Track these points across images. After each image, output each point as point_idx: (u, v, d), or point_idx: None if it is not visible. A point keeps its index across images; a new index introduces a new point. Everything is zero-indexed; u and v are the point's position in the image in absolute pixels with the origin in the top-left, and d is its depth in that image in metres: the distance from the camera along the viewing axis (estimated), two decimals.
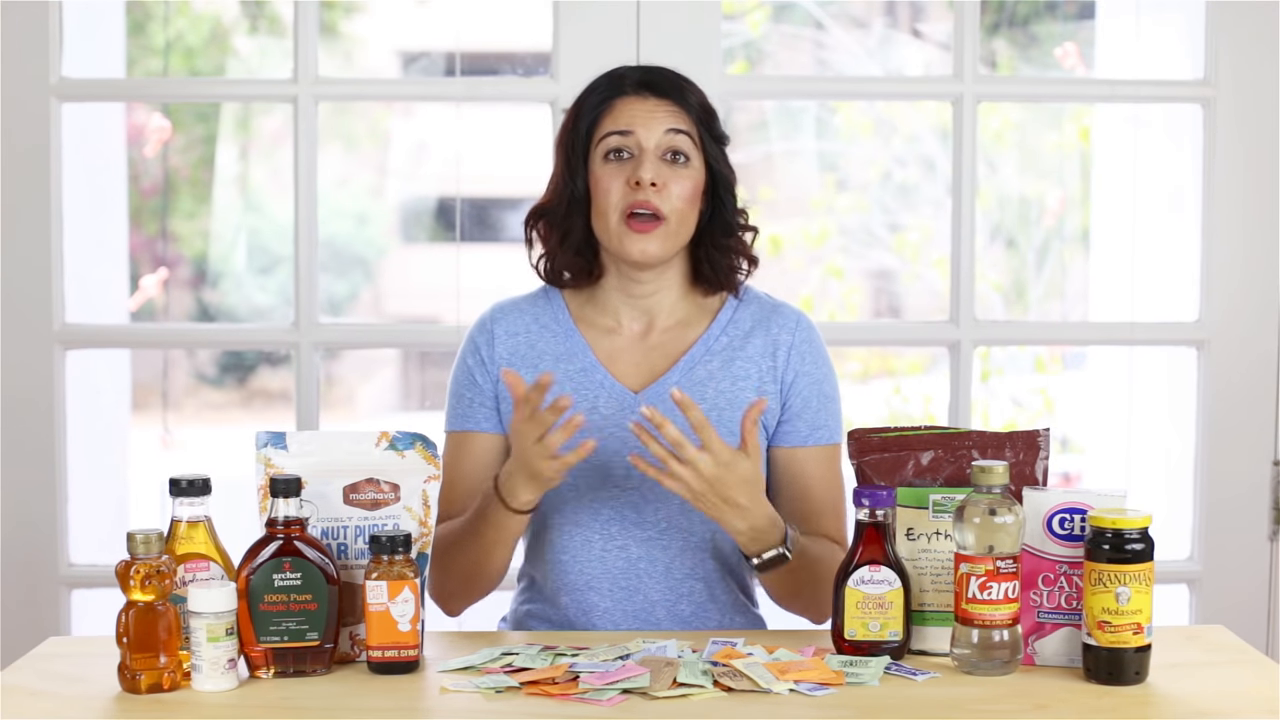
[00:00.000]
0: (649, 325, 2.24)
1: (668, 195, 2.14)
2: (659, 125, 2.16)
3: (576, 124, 2.20)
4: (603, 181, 2.16)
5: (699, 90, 2.22)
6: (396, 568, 1.84)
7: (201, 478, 1.87)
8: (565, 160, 2.20)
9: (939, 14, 6.07)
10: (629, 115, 2.17)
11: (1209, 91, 2.94)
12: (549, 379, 1.98)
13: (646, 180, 2.13)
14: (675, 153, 2.16)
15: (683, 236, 2.18)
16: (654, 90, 2.18)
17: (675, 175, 2.15)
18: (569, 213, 2.20)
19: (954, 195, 2.95)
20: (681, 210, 2.16)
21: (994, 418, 5.66)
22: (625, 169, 2.15)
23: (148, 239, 5.37)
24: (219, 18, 5.83)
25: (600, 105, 2.19)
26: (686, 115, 2.18)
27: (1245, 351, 2.97)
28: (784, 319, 2.25)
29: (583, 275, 2.23)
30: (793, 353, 2.22)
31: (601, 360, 2.22)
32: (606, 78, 2.22)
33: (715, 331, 2.23)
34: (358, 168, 6.68)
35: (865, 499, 1.90)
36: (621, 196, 2.14)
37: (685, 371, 2.20)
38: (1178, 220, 3.09)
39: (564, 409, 1.96)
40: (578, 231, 2.20)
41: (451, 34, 4.11)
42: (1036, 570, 1.89)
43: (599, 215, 2.17)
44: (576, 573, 2.19)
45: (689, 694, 1.78)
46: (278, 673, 1.84)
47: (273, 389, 6.83)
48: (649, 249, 2.15)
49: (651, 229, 2.14)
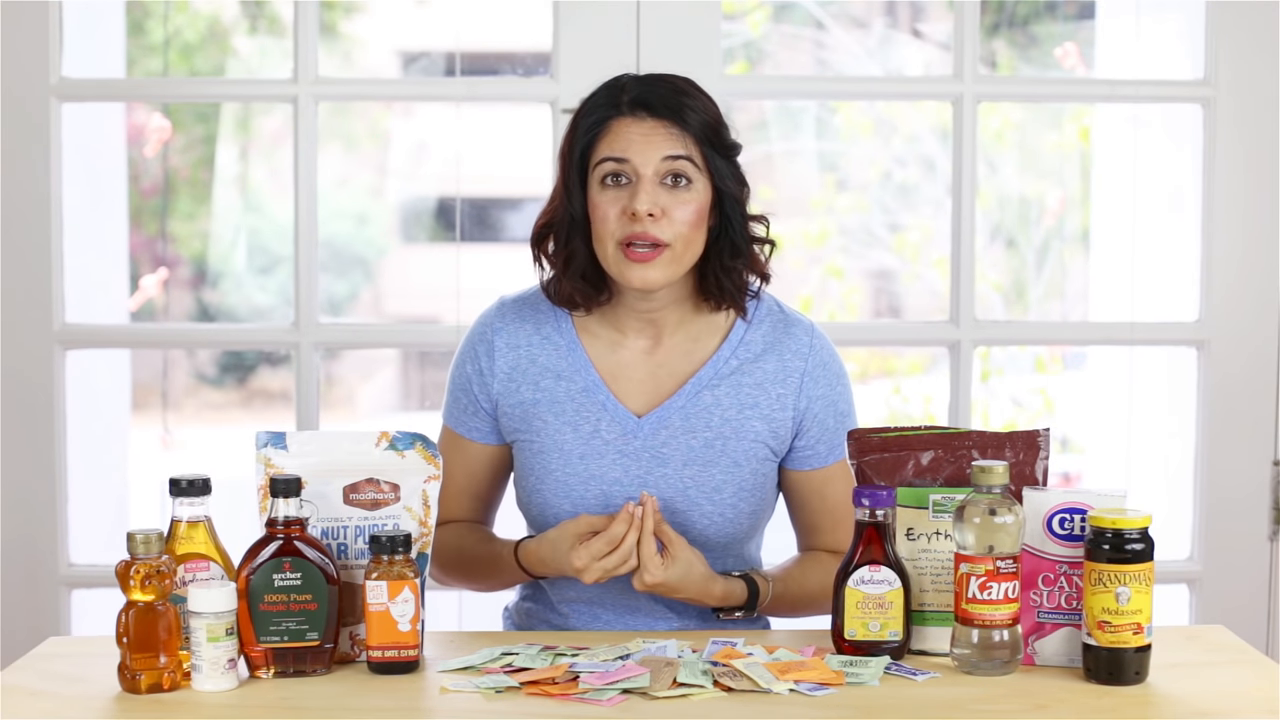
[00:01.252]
0: (656, 339, 2.19)
1: (669, 222, 2.07)
2: (655, 152, 2.07)
3: (574, 139, 2.12)
4: (600, 208, 2.09)
5: (703, 101, 2.12)
6: (396, 568, 1.84)
7: (201, 478, 1.87)
8: (565, 175, 2.13)
9: (939, 14, 6.08)
10: (625, 141, 2.07)
11: (1209, 91, 2.94)
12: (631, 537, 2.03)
13: (643, 212, 2.05)
14: (676, 176, 2.08)
15: (688, 260, 2.11)
16: (651, 111, 2.08)
17: (676, 200, 2.07)
18: (570, 235, 2.13)
19: (954, 195, 2.95)
20: (685, 235, 2.08)
21: (994, 418, 5.66)
22: (622, 196, 2.07)
23: (148, 239, 5.37)
24: (218, 17, 5.83)
25: (595, 128, 2.10)
26: (686, 136, 2.08)
27: (1245, 351, 2.97)
28: (796, 342, 2.18)
29: (592, 299, 2.16)
30: (806, 379, 2.18)
31: (604, 378, 2.18)
32: (605, 90, 2.13)
33: (725, 353, 2.18)
34: (358, 168, 6.68)
35: (865, 499, 1.90)
36: (619, 226, 2.07)
37: (691, 396, 2.16)
38: (1178, 220, 3.09)
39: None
40: (581, 256, 2.13)
41: (451, 34, 4.11)
42: (1036, 570, 1.89)
43: (598, 242, 2.10)
44: (579, 589, 2.18)
45: (689, 694, 1.77)
46: (278, 673, 1.84)
47: (273, 389, 6.83)
48: (649, 276, 2.08)
49: (652, 257, 2.07)
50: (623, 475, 2.15)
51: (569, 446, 2.15)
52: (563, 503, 2.15)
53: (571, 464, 2.15)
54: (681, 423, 2.15)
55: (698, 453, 2.14)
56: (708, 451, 2.15)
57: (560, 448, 2.16)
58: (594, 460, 2.15)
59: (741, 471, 2.16)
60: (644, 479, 2.15)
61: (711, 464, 2.15)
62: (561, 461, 2.16)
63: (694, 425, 2.15)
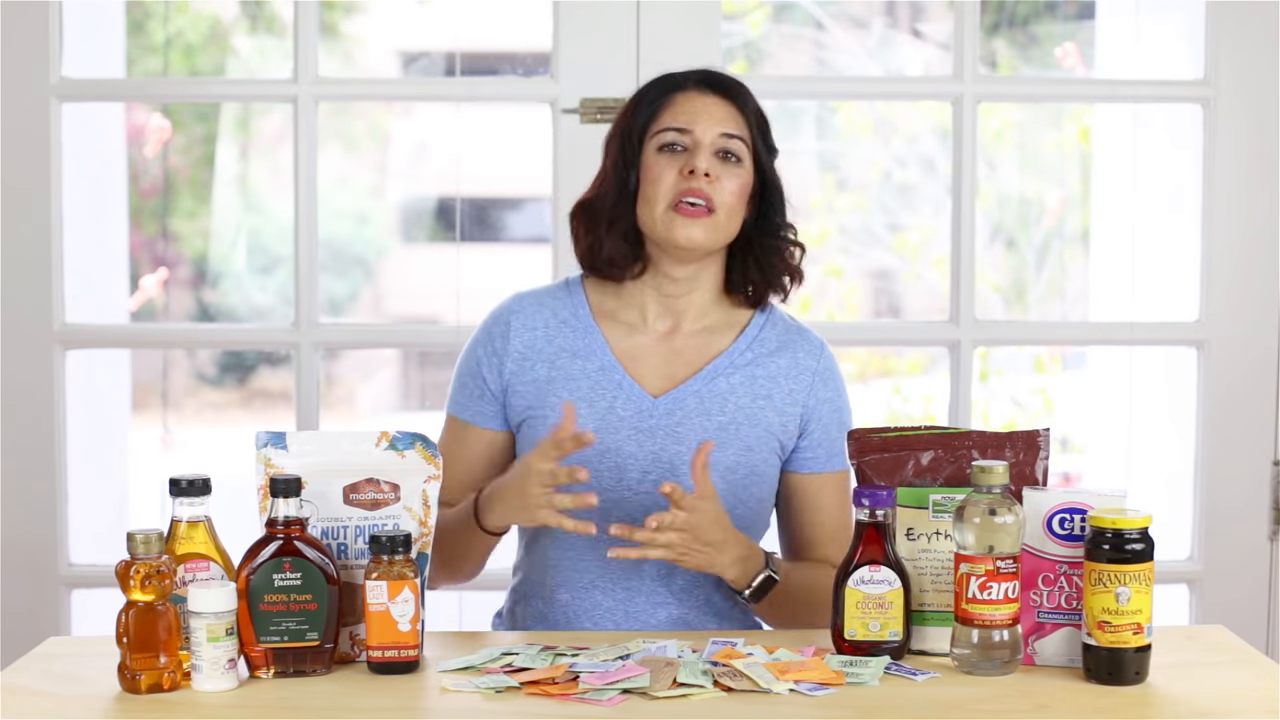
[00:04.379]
0: (675, 326, 2.22)
1: (720, 188, 2.15)
2: (716, 125, 2.17)
3: (634, 116, 2.21)
4: (654, 169, 2.16)
5: (755, 99, 2.24)
6: (396, 568, 1.84)
7: (201, 478, 1.87)
8: (620, 151, 2.20)
9: (939, 14, 6.08)
10: (689, 111, 2.17)
11: (1209, 91, 2.94)
12: (591, 438, 1.98)
13: (701, 169, 2.14)
14: (728, 153, 2.17)
15: (729, 231, 2.18)
16: (714, 89, 2.20)
17: (727, 171, 2.16)
18: (619, 202, 2.19)
19: (954, 195, 2.95)
20: (731, 205, 2.16)
21: (994, 418, 5.66)
22: (679, 160, 2.16)
23: (148, 239, 5.38)
24: (218, 17, 5.83)
25: (659, 100, 2.20)
26: (743, 118, 2.19)
27: (1245, 351, 2.97)
28: (809, 344, 2.25)
29: (627, 263, 2.21)
30: (816, 379, 2.23)
31: (620, 359, 2.20)
32: (664, 77, 2.23)
33: (741, 345, 2.22)
34: (358, 168, 6.68)
35: (865, 499, 1.90)
36: (674, 184, 2.15)
37: (707, 381, 2.19)
38: (1178, 220, 3.09)
39: (581, 480, 1.98)
40: (626, 220, 2.19)
41: (451, 34, 4.11)
42: (1036, 570, 1.89)
43: (646, 202, 2.17)
44: (581, 570, 2.18)
45: (689, 694, 1.77)
46: (278, 673, 1.84)
47: (273, 389, 6.83)
48: (694, 234, 2.14)
49: (700, 215, 2.14)
50: (637, 450, 2.16)
51: (583, 421, 2.16)
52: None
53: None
54: (697, 404, 2.18)
55: (712, 434, 2.16)
56: (722, 434, 2.17)
57: (574, 421, 2.15)
58: (609, 435, 2.16)
59: (754, 457, 2.18)
60: (658, 455, 2.15)
61: (726, 445, 2.16)
62: None
63: (709, 408, 2.18)
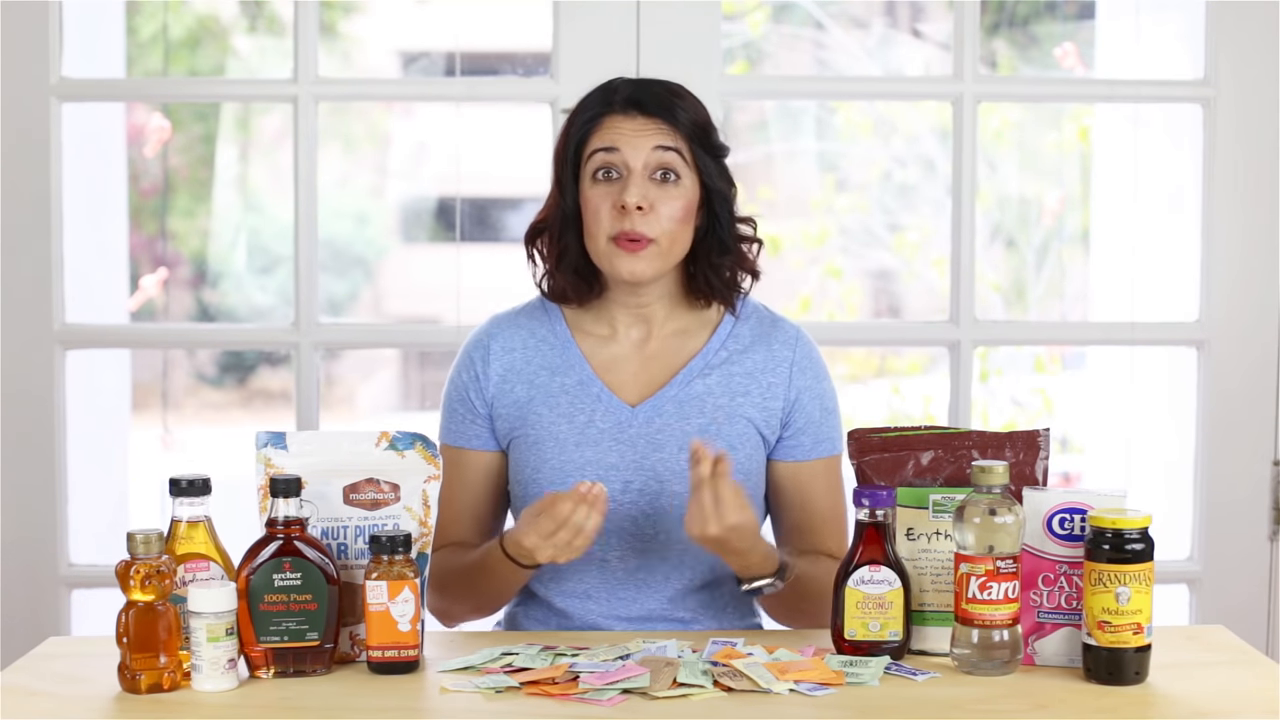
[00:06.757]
0: (647, 333, 2.22)
1: (656, 218, 2.11)
2: (646, 143, 2.12)
3: (568, 136, 2.19)
4: (591, 201, 2.14)
5: (694, 103, 2.18)
6: (396, 568, 1.84)
7: (201, 478, 1.87)
8: (560, 171, 2.19)
9: (939, 14, 6.08)
10: (615, 133, 2.13)
11: (1209, 91, 2.94)
12: (602, 490, 1.98)
13: (632, 204, 2.10)
14: (665, 170, 2.14)
15: (675, 255, 2.16)
16: (642, 109, 2.14)
17: (664, 195, 2.12)
18: (563, 231, 2.18)
19: (954, 195, 2.95)
20: (673, 231, 2.13)
21: (994, 418, 5.66)
22: (613, 190, 2.12)
23: (148, 239, 5.38)
24: (215, 16, 5.83)
25: (589, 123, 2.16)
26: (676, 132, 2.14)
27: (1245, 351, 2.96)
28: (784, 334, 2.24)
29: (584, 293, 2.20)
30: (794, 369, 2.21)
31: (598, 372, 2.21)
32: (600, 91, 2.19)
33: (714, 345, 2.22)
34: (358, 168, 6.68)
35: (865, 499, 1.90)
36: (610, 220, 2.12)
37: (683, 385, 2.19)
38: (1178, 220, 3.09)
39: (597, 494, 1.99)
40: (573, 250, 2.18)
41: (451, 34, 4.11)
42: (1036, 570, 1.89)
43: (589, 237, 2.15)
44: (576, 580, 2.19)
45: (689, 694, 1.78)
46: (278, 673, 1.84)
47: (273, 389, 6.84)
48: (637, 269, 2.12)
49: (640, 249, 2.11)
50: (619, 460, 2.16)
51: (564, 436, 2.17)
52: (560, 490, 2.14)
53: (567, 451, 2.16)
54: (675, 409, 2.18)
55: (693, 436, 2.15)
56: (702, 436, 2.16)
57: (555, 437, 2.17)
58: (589, 448, 2.16)
59: (737, 455, 2.17)
60: (640, 463, 2.16)
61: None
62: (557, 450, 2.17)
63: (687, 412, 2.18)
